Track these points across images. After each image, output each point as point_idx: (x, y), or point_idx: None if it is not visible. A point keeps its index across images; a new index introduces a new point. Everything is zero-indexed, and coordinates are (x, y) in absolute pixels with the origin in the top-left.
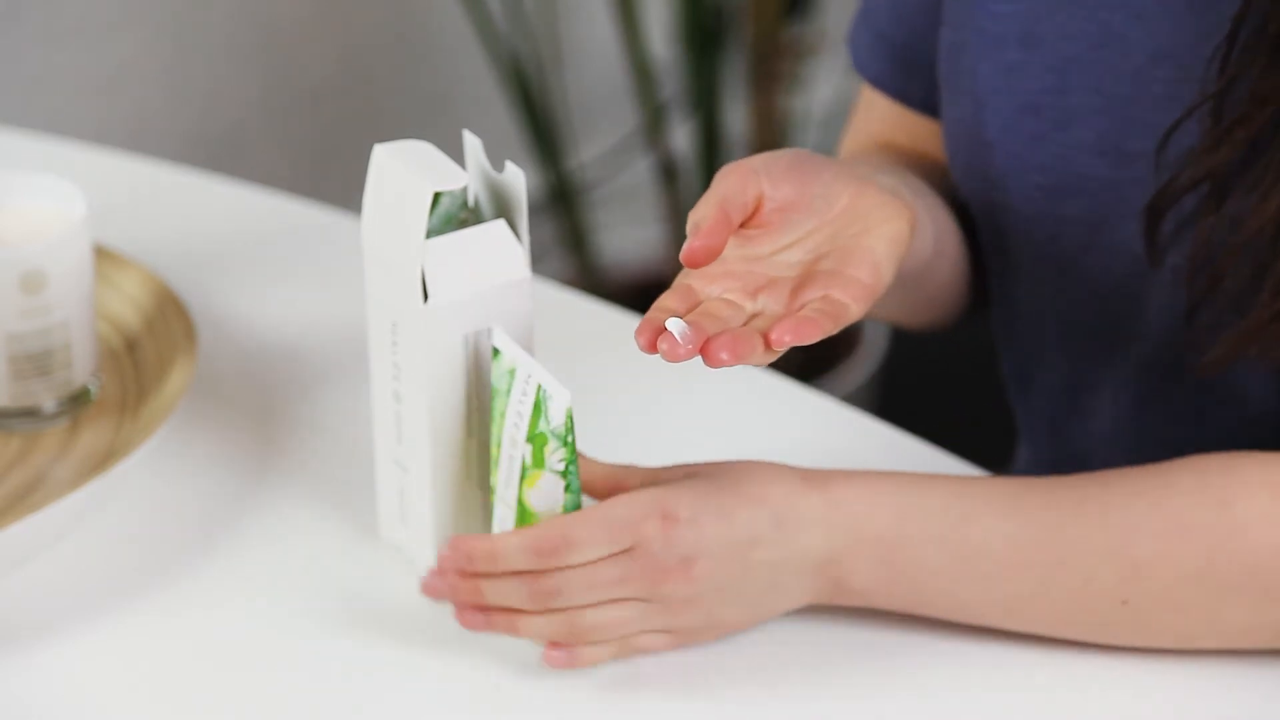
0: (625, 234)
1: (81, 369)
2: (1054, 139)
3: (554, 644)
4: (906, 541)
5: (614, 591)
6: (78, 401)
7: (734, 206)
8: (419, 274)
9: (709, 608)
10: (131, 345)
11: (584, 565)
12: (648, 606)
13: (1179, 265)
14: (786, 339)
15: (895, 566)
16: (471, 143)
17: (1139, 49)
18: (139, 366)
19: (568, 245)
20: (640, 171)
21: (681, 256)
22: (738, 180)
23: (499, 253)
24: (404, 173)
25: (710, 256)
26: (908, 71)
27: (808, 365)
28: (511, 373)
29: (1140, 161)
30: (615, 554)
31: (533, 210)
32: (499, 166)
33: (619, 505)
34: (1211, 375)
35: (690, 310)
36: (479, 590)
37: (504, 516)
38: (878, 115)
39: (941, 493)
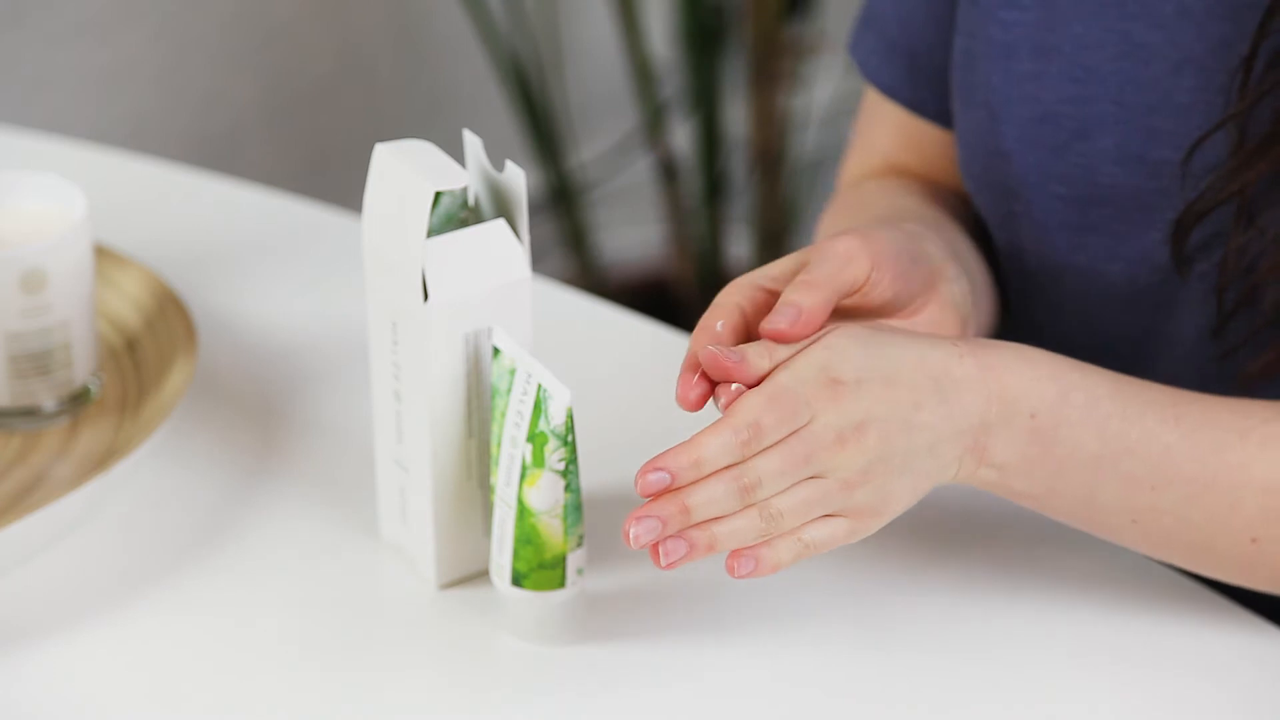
0: (625, 234)
1: (81, 368)
2: (1074, 149)
3: (736, 553)
4: (1063, 423)
5: (802, 470)
6: (78, 401)
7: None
8: (419, 274)
9: (880, 480)
10: (131, 345)
11: (775, 447)
12: (827, 484)
13: (1208, 273)
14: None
15: (1044, 445)
16: (472, 142)
17: (1160, 58)
18: (139, 366)
19: (568, 245)
20: (640, 171)
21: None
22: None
23: (499, 252)
24: (405, 172)
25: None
26: (919, 78)
27: None
28: (511, 372)
29: (1163, 170)
30: (796, 430)
31: (533, 210)
32: (499, 166)
33: (784, 376)
34: (1257, 384)
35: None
36: (687, 511)
37: (504, 516)
38: (886, 127)
39: (1105, 383)
